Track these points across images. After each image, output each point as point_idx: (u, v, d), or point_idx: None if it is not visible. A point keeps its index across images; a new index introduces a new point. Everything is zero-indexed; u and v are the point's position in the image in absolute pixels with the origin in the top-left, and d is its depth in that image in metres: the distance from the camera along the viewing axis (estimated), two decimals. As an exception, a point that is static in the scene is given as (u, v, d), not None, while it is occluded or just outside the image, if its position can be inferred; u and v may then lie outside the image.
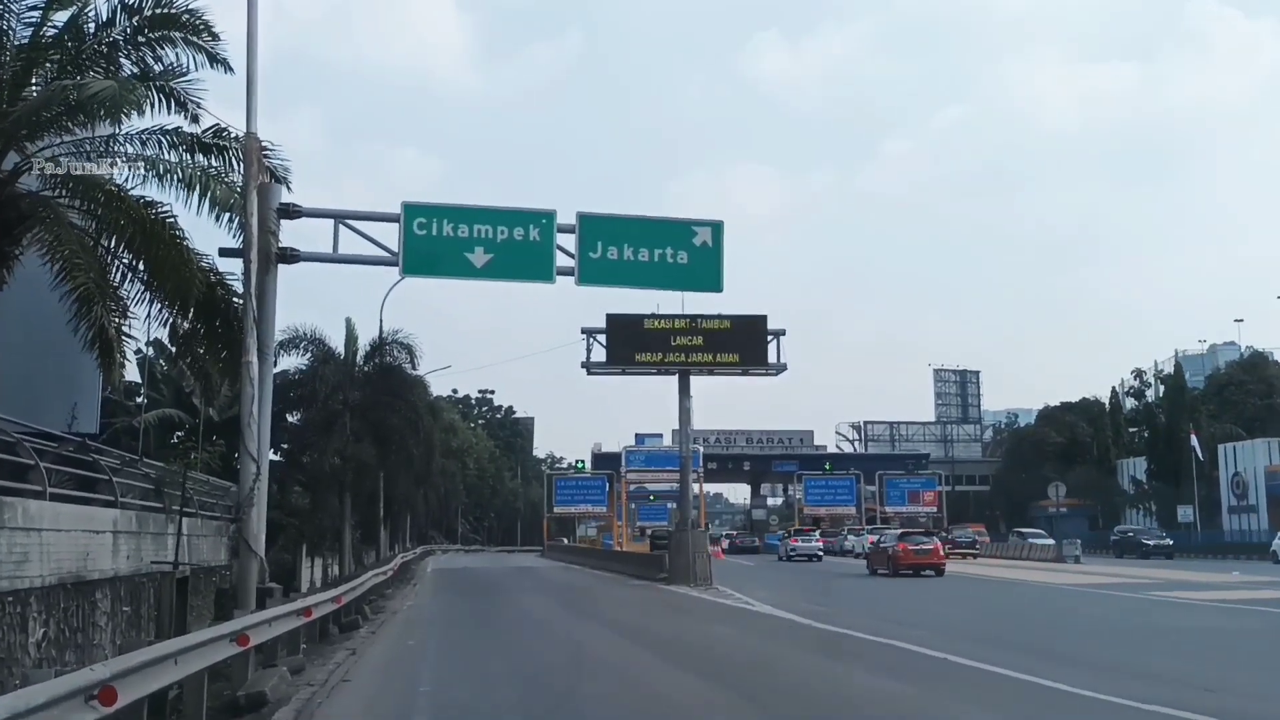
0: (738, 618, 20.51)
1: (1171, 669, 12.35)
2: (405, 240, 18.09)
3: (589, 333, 33.68)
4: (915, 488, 73.95)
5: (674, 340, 33.05)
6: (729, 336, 33.26)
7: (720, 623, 19.41)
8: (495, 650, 15.49)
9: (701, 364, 33.24)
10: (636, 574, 37.05)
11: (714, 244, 19.03)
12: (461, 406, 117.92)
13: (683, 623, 19.55)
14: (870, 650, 14.30)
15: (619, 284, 18.98)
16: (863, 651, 14.23)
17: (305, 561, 35.56)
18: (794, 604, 23.50)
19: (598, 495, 72.45)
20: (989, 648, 14.20)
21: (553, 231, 18.61)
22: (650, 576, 34.73)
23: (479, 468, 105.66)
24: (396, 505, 50.32)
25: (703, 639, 16.54)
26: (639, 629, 18.47)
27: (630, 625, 19.12)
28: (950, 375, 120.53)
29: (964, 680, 11.51)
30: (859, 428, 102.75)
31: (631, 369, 33.89)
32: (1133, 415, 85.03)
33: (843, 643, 15.29)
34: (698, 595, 27.17)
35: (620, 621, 19.82)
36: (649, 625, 19.24)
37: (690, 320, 33.32)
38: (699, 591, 28.51)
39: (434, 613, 23.74)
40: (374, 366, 34.69)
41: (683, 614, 21.59)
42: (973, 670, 12.01)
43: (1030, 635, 16.71)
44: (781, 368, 33.69)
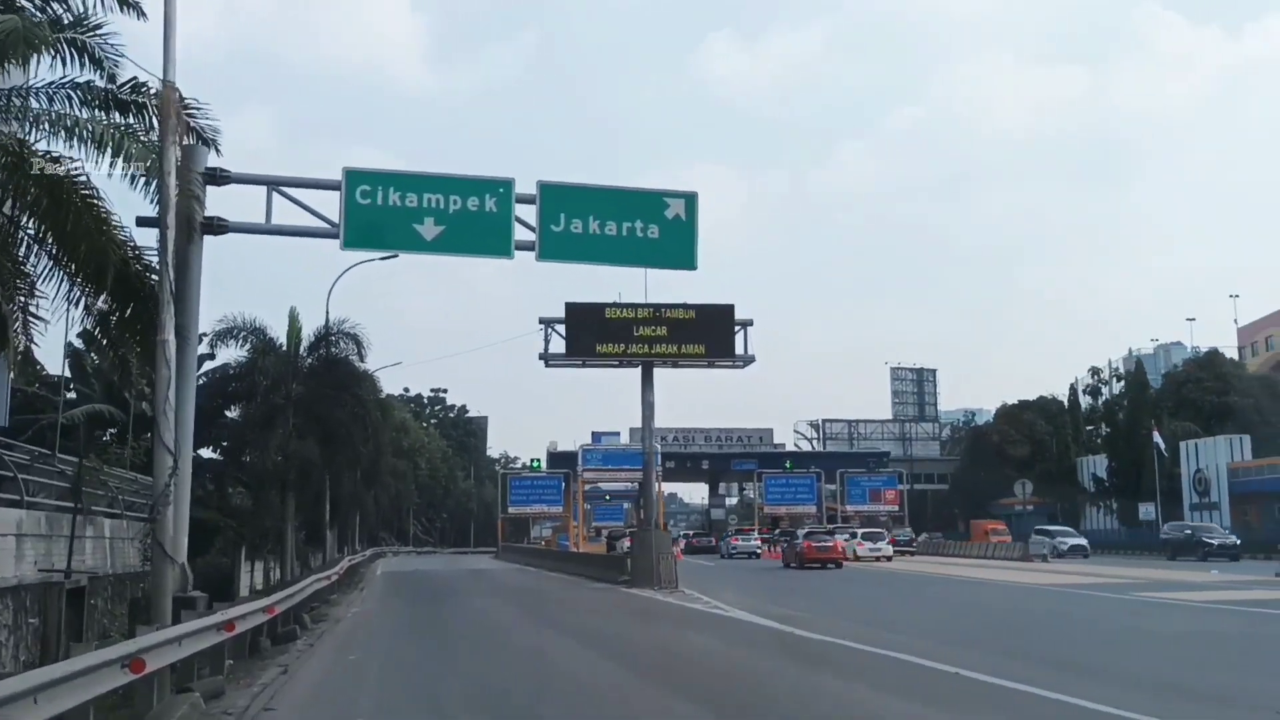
0: (713, 624, 18.90)
1: (1225, 685, 10.91)
2: (347, 210, 16.29)
3: (547, 323, 31.98)
4: (877, 486, 72.97)
5: (637, 331, 31.45)
6: (694, 327, 31.72)
7: (696, 630, 17.79)
8: (448, 666, 13.76)
9: (666, 356, 31.66)
10: (596, 576, 35.37)
11: (687, 217, 17.41)
12: (414, 406, 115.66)
13: (655, 631, 17.91)
14: (871, 665, 12.74)
15: (584, 259, 17.30)
16: (864, 666, 12.66)
17: (245, 566, 33.51)
18: (766, 608, 21.94)
19: (554, 495, 70.67)
20: (1000, 658, 12.74)
21: (511, 201, 16.90)
22: (611, 579, 33.09)
23: (431, 468, 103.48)
24: (344, 506, 48.20)
25: (682, 650, 14.92)
26: (608, 639, 16.80)
27: (598, 634, 17.44)
28: (907, 374, 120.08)
29: (996, 703, 9.97)
30: (817, 426, 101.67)
31: (592, 361, 32.23)
32: (1090, 413, 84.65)
33: (836, 655, 13.72)
34: (664, 599, 25.57)
35: (586, 630, 18.13)
36: (619, 634, 17.58)
37: (654, 310, 31.74)
38: (665, 595, 26.91)
39: (380, 620, 21.92)
40: (318, 359, 32.67)
41: (653, 621, 19.96)
42: (997, 689, 10.48)
43: (1037, 642, 15.26)
44: (749, 360, 32.21)
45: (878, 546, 51.35)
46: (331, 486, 38.07)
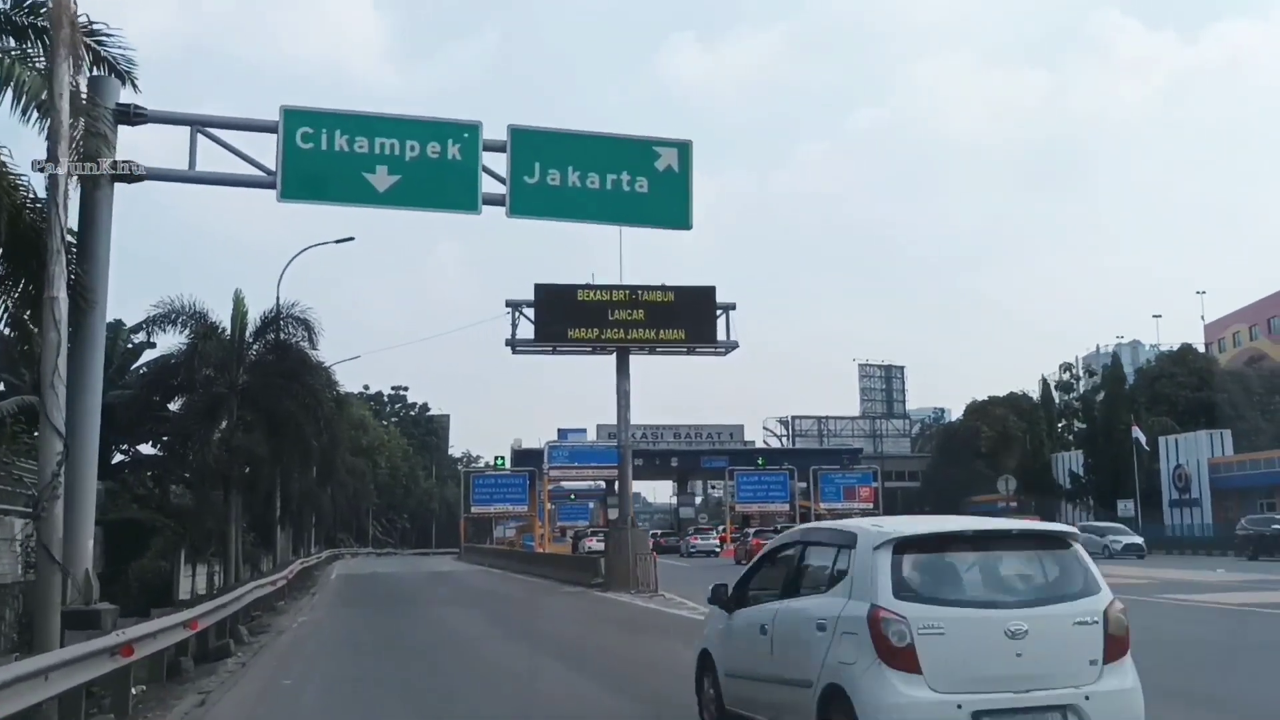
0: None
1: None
2: (285, 155, 13.90)
3: (514, 306, 29.66)
4: (851, 483, 71.02)
5: (612, 314, 29.20)
6: (673, 310, 29.54)
7: (687, 643, 15.49)
8: (404, 693, 11.44)
9: (642, 341, 29.46)
10: (568, 579, 33.05)
11: (681, 169, 15.15)
12: (373, 404, 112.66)
13: (645, 645, 15.55)
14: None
15: (561, 216, 14.99)
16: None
17: (186, 570, 30.90)
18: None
19: (518, 494, 68.06)
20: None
21: (477, 148, 14.56)
22: (584, 582, 30.80)
23: (391, 467, 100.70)
24: (297, 505, 45.54)
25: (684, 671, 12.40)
26: (593, 654, 14.51)
27: (579, 648, 15.14)
28: (875, 370, 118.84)
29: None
30: (787, 423, 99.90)
31: (563, 347, 29.94)
32: (1063, 408, 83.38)
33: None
34: (645, 605, 23.31)
35: (567, 644, 15.82)
36: (604, 648, 15.29)
37: (631, 291, 29.50)
38: (645, 600, 24.67)
39: (329, 632, 19.49)
40: (266, 345, 30.05)
41: (639, 632, 17.67)
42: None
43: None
44: (732, 345, 30.08)
45: (857, 545, 49.35)
46: (282, 484, 35.50)
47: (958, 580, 6.46)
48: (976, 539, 6.71)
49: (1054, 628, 6.20)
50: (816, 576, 7.10)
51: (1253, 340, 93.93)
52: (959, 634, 6.07)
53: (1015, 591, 6.50)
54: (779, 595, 7.43)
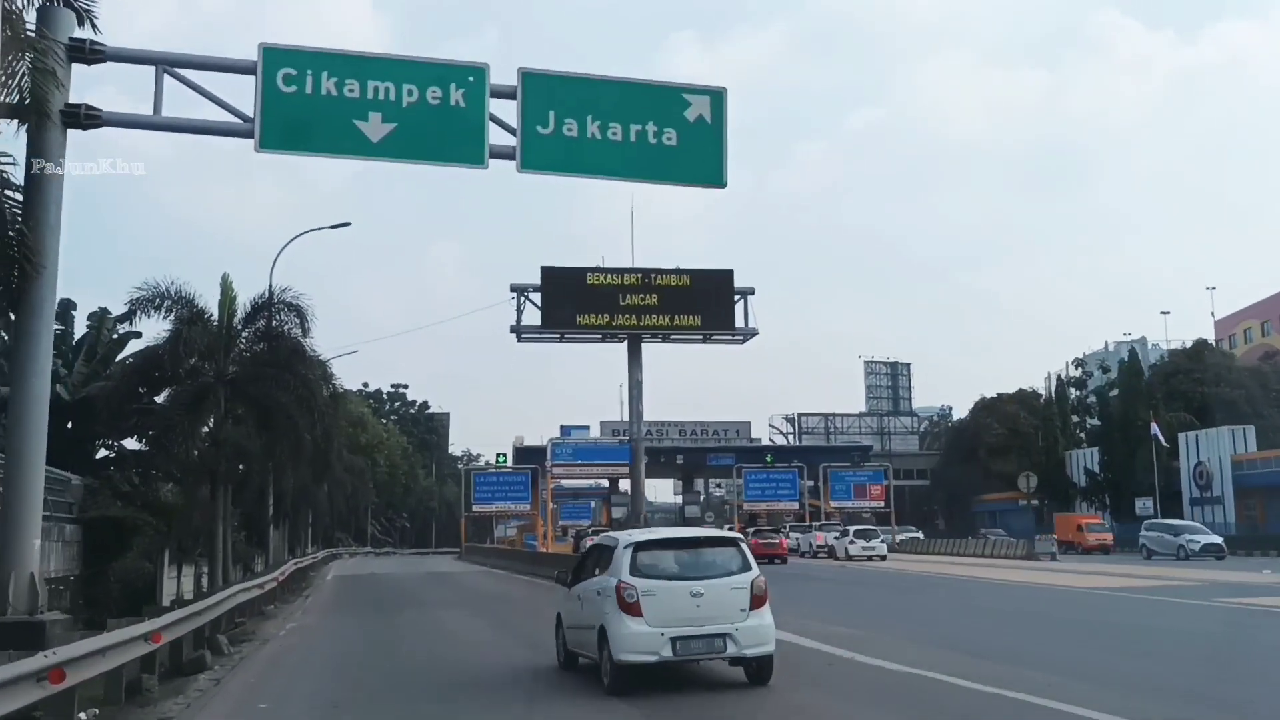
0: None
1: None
2: (265, 100, 12.14)
3: (520, 291, 27.90)
4: (861, 481, 69.19)
5: (623, 299, 27.49)
6: (689, 295, 27.83)
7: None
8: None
9: (656, 328, 27.74)
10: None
11: (714, 120, 13.35)
12: (372, 402, 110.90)
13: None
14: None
15: (580, 171, 13.18)
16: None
17: (171, 570, 29.16)
18: (801, 624, 18.02)
19: (520, 492, 66.31)
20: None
21: (484, 94, 12.79)
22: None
23: (390, 465, 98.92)
24: (290, 502, 43.82)
25: (752, 705, 10.55)
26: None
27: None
28: (881, 367, 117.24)
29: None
30: (792, 420, 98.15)
31: (572, 334, 28.21)
32: (1075, 405, 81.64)
33: (978, 705, 9.71)
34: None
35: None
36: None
37: (643, 275, 27.76)
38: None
39: (319, 642, 17.72)
40: (256, 333, 28.27)
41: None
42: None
43: (1230, 682, 11.37)
44: (751, 333, 28.34)
45: (871, 545, 47.72)
46: (275, 480, 33.75)
47: (668, 565, 10.69)
48: (680, 542, 11.51)
49: (720, 590, 10.39)
50: (599, 565, 11.39)
51: (1265, 336, 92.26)
52: (664, 594, 10.25)
53: (699, 570, 10.68)
54: (585, 577, 11.67)
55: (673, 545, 11.22)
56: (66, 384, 32.85)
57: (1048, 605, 21.97)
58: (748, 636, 10.30)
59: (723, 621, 10.25)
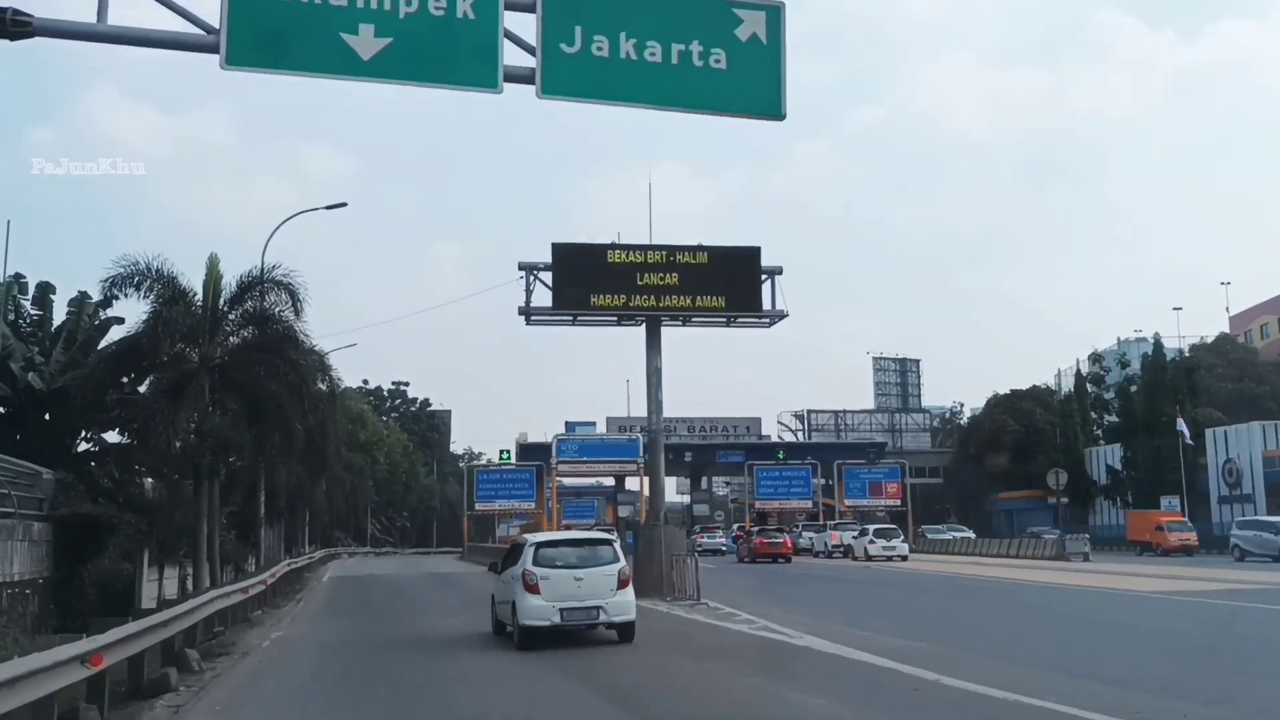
0: (811, 669, 12.55)
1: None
2: (233, 5, 10.00)
3: (529, 269, 25.76)
4: (877, 479, 67.00)
5: (641, 278, 25.34)
6: (712, 274, 25.68)
7: (784, 680, 11.50)
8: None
9: (677, 309, 25.59)
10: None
11: (770, 40, 11.19)
12: (372, 399, 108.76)
13: (727, 683, 11.51)
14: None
15: (611, 97, 11.00)
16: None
17: (151, 572, 27.08)
18: (842, 631, 15.93)
19: (525, 489, 64.23)
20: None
21: (497, 4, 10.68)
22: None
23: (391, 463, 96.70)
24: (283, 499, 41.74)
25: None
26: (656, 698, 10.60)
27: (640, 691, 11.19)
28: (890, 364, 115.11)
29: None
30: (801, 416, 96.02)
31: (585, 316, 26.05)
32: (1093, 400, 79.45)
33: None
34: (692, 618, 19.43)
35: (615, 678, 11.91)
36: (670, 688, 11.34)
37: (665, 252, 25.60)
38: (686, 610, 20.81)
39: (305, 654, 15.59)
40: (244, 315, 26.13)
41: (704, 658, 13.71)
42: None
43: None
44: (778, 315, 26.21)
45: (892, 545, 45.76)
46: (269, 475, 31.64)
47: (561, 557, 15.00)
48: (570, 542, 16.24)
49: (596, 576, 14.63)
50: (515, 557, 15.62)
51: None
52: (556, 578, 14.48)
53: (582, 561, 14.92)
54: (509, 566, 15.73)
55: (565, 544, 15.93)
56: (43, 373, 30.71)
57: (1138, 615, 19.73)
58: (615, 608, 14.66)
59: (597, 598, 14.55)
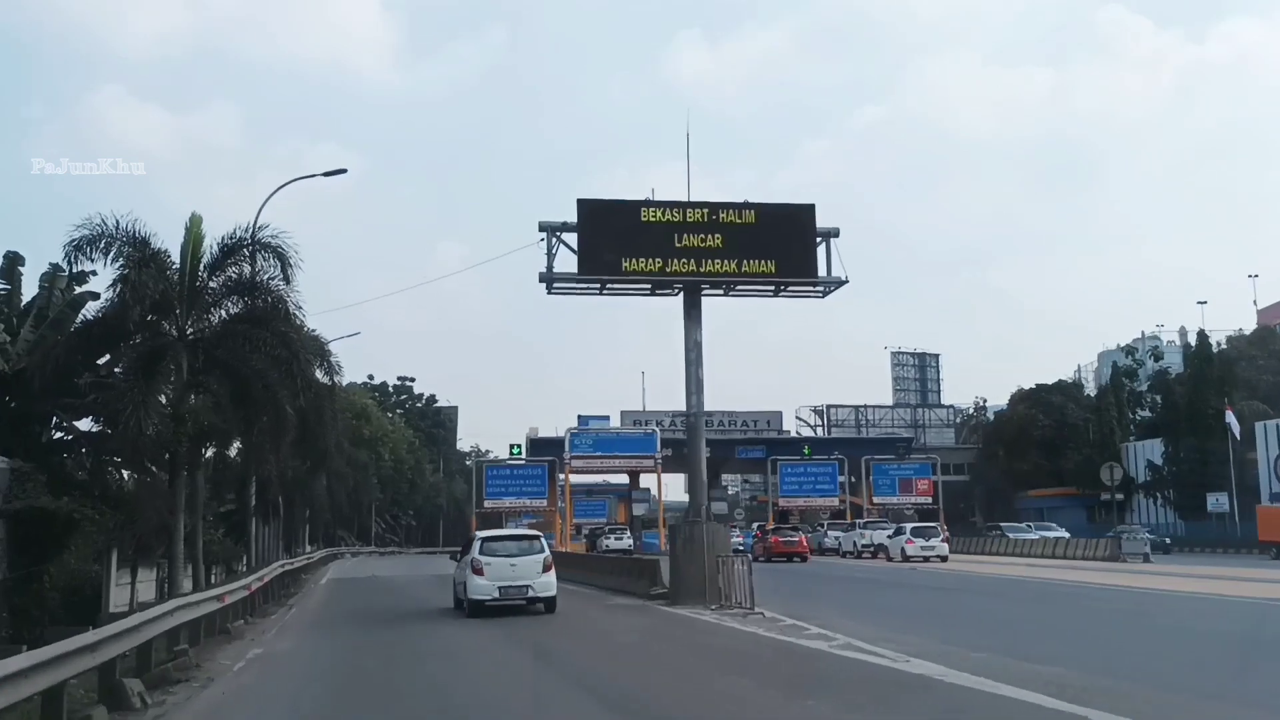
0: (942, 707, 9.42)
1: None
2: None
3: (551, 230, 22.57)
4: (907, 475, 63.69)
5: (680, 239, 22.15)
6: (760, 235, 22.48)
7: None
8: None
9: (720, 275, 22.40)
10: (614, 587, 26.07)
11: None
12: (377, 394, 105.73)
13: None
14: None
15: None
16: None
17: (122, 574, 24.03)
18: (946, 650, 12.80)
19: (537, 486, 61.03)
20: None
21: None
22: (638, 592, 23.85)
23: (396, 459, 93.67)
24: (285, 496, 38.65)
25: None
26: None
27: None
28: (908, 359, 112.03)
29: None
30: (821, 411, 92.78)
31: (616, 283, 22.85)
32: (1129, 394, 76.21)
33: None
34: (750, 631, 16.22)
35: (698, 712, 8.78)
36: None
37: (706, 210, 22.40)
38: (739, 620, 17.64)
39: (284, 684, 12.44)
40: (228, 283, 22.98)
41: (792, 691, 10.52)
42: None
43: None
44: (835, 282, 23.04)
45: (930, 545, 42.57)
46: (259, 466, 28.52)
47: (502, 549, 20.12)
48: (507, 537, 21.66)
49: (527, 562, 19.71)
50: (468, 549, 20.95)
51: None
52: (496, 564, 19.49)
53: (516, 552, 20.07)
54: (465, 555, 21.07)
55: (505, 539, 21.36)
56: (8, 353, 27.56)
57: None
58: (540, 587, 19.75)
59: (527, 579, 19.66)
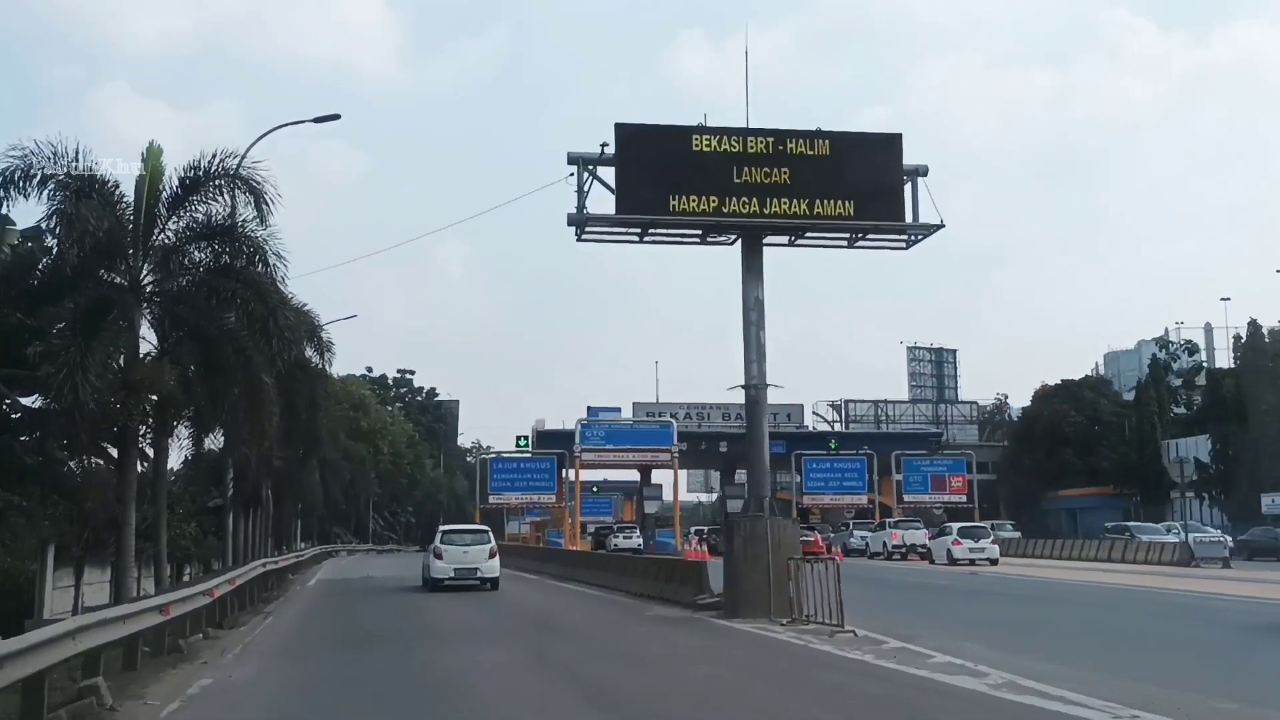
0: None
1: None
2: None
3: (582, 163, 18.65)
4: (940, 472, 59.72)
5: (739, 174, 18.22)
6: (834, 171, 18.57)
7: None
8: None
9: (786, 219, 18.47)
10: (650, 593, 22.13)
11: None
12: (376, 387, 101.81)
13: None
14: None
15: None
16: None
17: (64, 575, 20.11)
18: (1145, 691, 8.95)
19: (544, 481, 57.10)
20: None
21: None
22: (681, 600, 19.96)
23: (395, 453, 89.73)
24: (272, 487, 34.72)
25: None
26: None
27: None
28: (924, 354, 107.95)
29: None
30: (839, 406, 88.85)
31: (660, 227, 18.89)
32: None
33: None
34: (860, 658, 12.27)
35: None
36: None
37: (771, 140, 18.47)
38: (831, 642, 13.74)
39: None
40: (191, 226, 19.05)
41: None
42: None
43: None
44: (925, 229, 19.09)
45: (980, 547, 38.84)
46: (231, 449, 24.57)
47: (458, 540, 26.77)
48: (463, 530, 28.99)
49: (477, 550, 26.07)
50: (431, 539, 28.44)
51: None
52: (452, 551, 25.91)
53: (468, 542, 26.65)
54: (430, 544, 28.03)
55: (460, 532, 28.04)
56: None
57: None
58: (487, 570, 25.62)
59: (476, 563, 25.62)
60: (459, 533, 27.77)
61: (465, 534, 27.67)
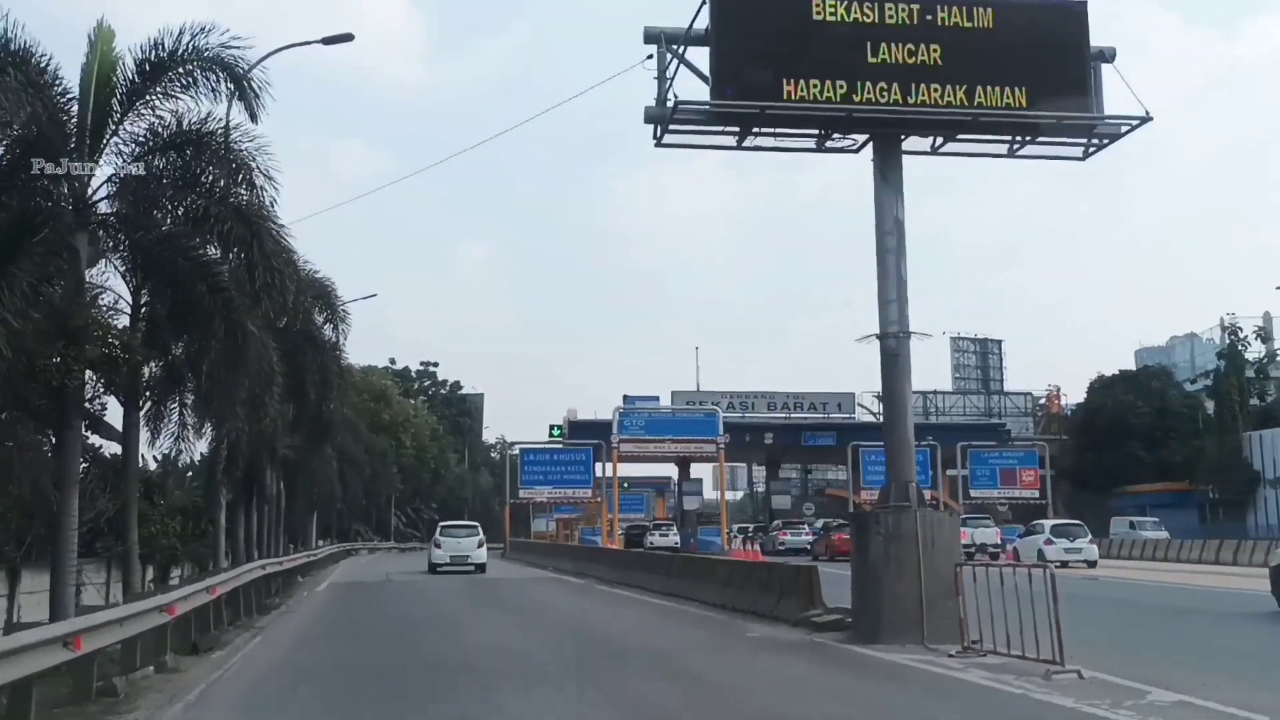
0: None
1: None
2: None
3: (664, 41, 14.15)
4: (1010, 465, 54.75)
5: (874, 51, 13.62)
6: (999, 48, 13.95)
7: None
8: None
9: (937, 112, 13.86)
10: (735, 605, 17.59)
11: None
12: (399, 380, 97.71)
13: None
14: None
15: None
16: None
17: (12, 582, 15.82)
18: None
19: (580, 474, 52.58)
20: None
21: None
22: (786, 617, 15.46)
23: (418, 447, 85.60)
24: (281, 479, 30.41)
25: None
26: None
27: None
28: (969, 345, 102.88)
29: None
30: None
31: (769, 124, 14.29)
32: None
33: None
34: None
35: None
36: None
37: (917, 8, 13.85)
38: (1057, 690, 9.22)
39: None
40: (153, 130, 14.67)
41: None
42: None
43: None
44: (1118, 124, 14.44)
45: (1076, 547, 34.26)
46: (216, 421, 20.06)
47: (454, 534, 34.33)
48: (458, 526, 36.23)
49: (469, 542, 33.39)
50: (433, 534, 36.49)
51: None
52: (449, 542, 33.33)
53: (461, 535, 34.19)
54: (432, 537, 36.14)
55: (455, 528, 35.10)
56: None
57: None
58: (476, 558, 32.51)
59: (467, 552, 32.55)
60: (454, 528, 35.30)
61: (459, 529, 35.10)
